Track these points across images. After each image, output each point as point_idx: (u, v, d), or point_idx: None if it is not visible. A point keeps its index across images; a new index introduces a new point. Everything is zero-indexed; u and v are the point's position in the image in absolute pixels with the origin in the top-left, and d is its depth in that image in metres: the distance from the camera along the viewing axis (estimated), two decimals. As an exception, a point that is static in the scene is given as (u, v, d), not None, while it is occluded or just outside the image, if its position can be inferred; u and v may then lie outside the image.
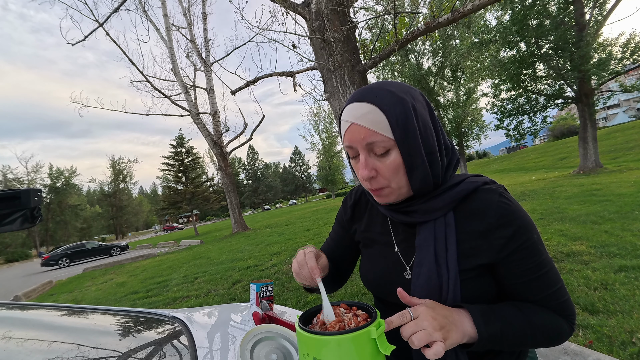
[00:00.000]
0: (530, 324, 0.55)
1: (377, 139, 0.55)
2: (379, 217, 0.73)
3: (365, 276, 0.73)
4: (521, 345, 0.55)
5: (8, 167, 48.27)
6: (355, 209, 0.79)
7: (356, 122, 0.55)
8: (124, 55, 12.53)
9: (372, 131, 0.55)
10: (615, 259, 2.94)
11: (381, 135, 0.54)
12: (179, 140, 28.38)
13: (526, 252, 0.56)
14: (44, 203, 5.68)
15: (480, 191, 0.59)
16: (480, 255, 0.57)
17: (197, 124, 14.05)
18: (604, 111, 56.49)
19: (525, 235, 0.55)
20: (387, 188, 0.59)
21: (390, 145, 0.55)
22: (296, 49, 4.08)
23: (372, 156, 0.57)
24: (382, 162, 0.56)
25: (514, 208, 0.56)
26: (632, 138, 17.23)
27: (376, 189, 0.59)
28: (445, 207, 0.59)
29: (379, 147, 0.55)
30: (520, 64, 10.71)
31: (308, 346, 0.48)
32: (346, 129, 0.58)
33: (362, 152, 0.57)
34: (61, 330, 0.91)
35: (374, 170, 0.57)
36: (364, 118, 0.55)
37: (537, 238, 0.57)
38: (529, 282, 0.57)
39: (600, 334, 1.88)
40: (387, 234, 0.69)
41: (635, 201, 4.96)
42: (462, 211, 0.59)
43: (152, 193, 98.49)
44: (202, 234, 21.95)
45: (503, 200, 0.57)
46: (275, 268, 5.34)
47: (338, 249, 0.83)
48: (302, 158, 63.25)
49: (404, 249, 0.66)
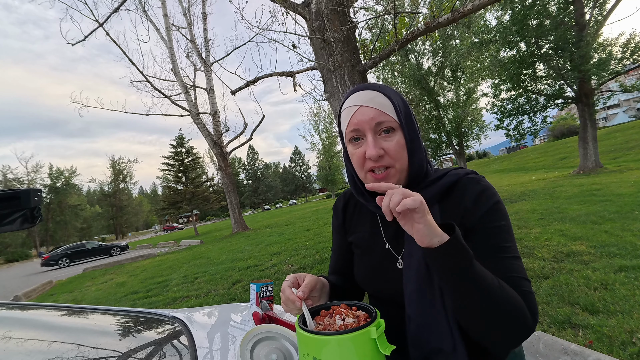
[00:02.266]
0: (499, 283, 0.52)
1: (386, 119, 0.60)
2: (368, 216, 0.75)
3: (358, 274, 0.74)
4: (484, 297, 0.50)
5: (8, 167, 48.28)
6: (345, 212, 0.81)
7: (366, 104, 0.61)
8: (124, 55, 12.53)
9: (380, 111, 0.60)
10: (615, 259, 2.93)
11: (389, 116, 0.60)
12: (179, 140, 28.37)
13: (494, 231, 0.59)
14: (44, 203, 5.68)
15: (462, 180, 0.63)
16: None
17: (197, 124, 14.05)
18: (604, 111, 56.48)
19: (494, 216, 0.59)
20: (392, 168, 0.62)
21: (395, 126, 0.61)
22: (296, 49, 4.08)
23: (379, 137, 0.61)
24: (389, 142, 0.61)
25: (492, 191, 0.61)
26: (632, 138, 17.22)
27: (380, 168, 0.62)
28: (433, 198, 0.62)
29: (387, 126, 0.61)
30: (520, 64, 10.70)
31: (308, 346, 0.48)
32: (353, 113, 0.62)
33: (369, 133, 0.61)
34: (61, 330, 0.91)
35: (382, 150, 0.60)
36: (372, 101, 0.61)
37: (505, 225, 0.59)
38: (495, 261, 0.57)
39: (600, 334, 1.88)
40: (377, 233, 0.72)
41: (635, 201, 4.96)
42: (445, 202, 0.63)
43: (152, 193, 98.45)
44: (202, 234, 21.95)
45: (480, 187, 0.61)
46: (275, 268, 5.34)
47: (343, 258, 0.82)
48: (302, 158, 63.22)
49: (394, 244, 0.68)
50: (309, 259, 5.42)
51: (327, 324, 0.53)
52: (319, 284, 0.66)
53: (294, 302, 0.58)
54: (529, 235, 4.18)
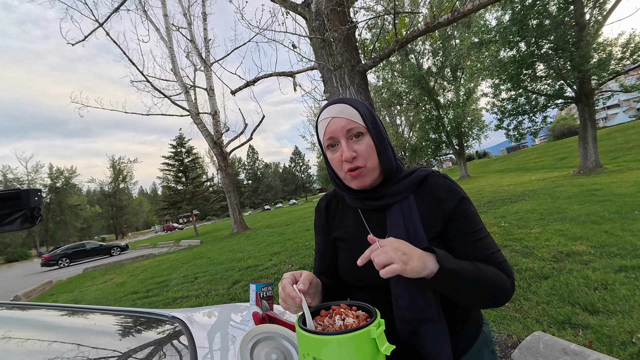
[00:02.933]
0: (482, 273, 0.63)
1: (355, 126, 0.70)
2: (351, 212, 0.81)
3: (343, 267, 0.78)
4: (475, 288, 0.62)
5: (8, 167, 48.28)
6: (328, 211, 0.87)
7: (337, 116, 0.71)
8: (124, 55, 12.53)
9: (350, 120, 0.70)
10: (615, 259, 2.93)
11: (357, 123, 0.71)
12: (179, 140, 28.36)
13: (468, 219, 0.70)
14: (44, 203, 5.68)
15: (431, 177, 0.74)
16: (437, 225, 0.70)
17: (197, 124, 14.04)
18: (604, 111, 56.47)
19: (465, 206, 0.70)
20: (364, 168, 0.71)
21: (364, 130, 0.71)
22: (296, 49, 4.08)
23: (351, 142, 0.71)
24: (360, 145, 0.71)
25: (456, 187, 0.72)
26: (632, 138, 17.22)
27: (356, 167, 0.71)
28: (408, 189, 0.73)
29: (356, 131, 0.71)
30: (520, 64, 10.70)
31: (308, 346, 0.48)
32: (327, 124, 0.72)
33: (342, 139, 0.71)
34: (61, 330, 0.91)
35: (354, 152, 0.70)
36: (342, 112, 0.71)
37: (474, 211, 0.71)
38: (472, 243, 0.69)
39: (600, 334, 1.88)
40: (360, 225, 0.78)
41: (635, 201, 4.96)
42: (419, 193, 0.73)
43: (152, 193, 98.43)
44: (202, 234, 21.94)
45: (448, 182, 0.73)
46: (275, 268, 5.34)
47: (327, 258, 0.84)
48: (302, 158, 63.16)
49: (377, 233, 0.74)
50: (309, 259, 5.42)
51: (327, 324, 0.54)
52: (315, 279, 0.69)
53: (294, 299, 0.59)
54: (529, 235, 4.18)
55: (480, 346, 0.76)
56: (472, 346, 0.74)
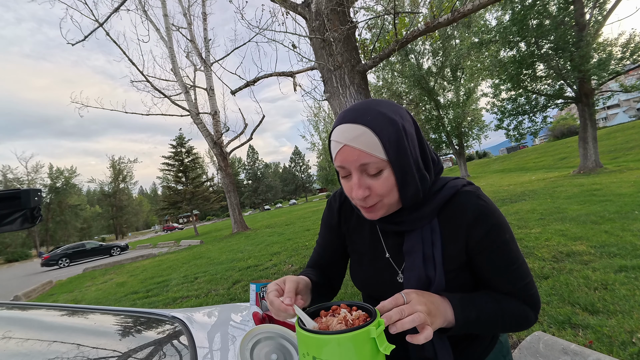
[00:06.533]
0: (502, 311, 0.60)
1: (371, 160, 0.55)
2: (366, 222, 0.73)
3: (356, 277, 0.75)
4: (493, 329, 0.61)
5: (8, 167, 48.25)
6: (341, 212, 0.78)
7: (349, 144, 0.55)
8: (124, 55, 12.53)
9: (365, 153, 0.55)
10: (615, 259, 2.93)
11: (374, 157, 0.55)
12: (179, 140, 28.36)
13: (498, 250, 0.60)
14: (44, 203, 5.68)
15: (460, 194, 0.62)
16: (461, 255, 0.62)
17: (197, 124, 14.04)
18: (604, 111, 56.47)
19: (498, 234, 0.60)
20: (379, 203, 0.60)
21: (383, 165, 0.56)
22: (296, 49, 4.08)
23: (365, 176, 0.58)
24: (376, 181, 0.57)
25: (490, 208, 0.61)
26: (632, 138, 17.22)
27: (369, 206, 0.60)
28: (431, 214, 0.62)
29: (373, 167, 0.56)
30: (520, 64, 10.70)
31: (308, 346, 0.48)
32: (338, 150, 0.57)
33: (355, 172, 0.57)
34: (61, 330, 0.91)
35: (367, 190, 0.58)
36: (357, 140, 0.55)
37: (509, 237, 0.61)
38: (500, 276, 0.62)
39: (600, 334, 1.88)
40: (376, 239, 0.71)
41: (635, 201, 4.96)
42: (444, 215, 0.63)
43: (152, 193, 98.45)
44: (202, 234, 21.94)
45: (479, 202, 0.61)
46: (275, 268, 5.34)
47: (327, 254, 0.82)
48: (302, 158, 63.18)
49: (394, 253, 0.68)
50: (308, 259, 5.41)
51: (326, 324, 0.53)
52: (301, 284, 0.64)
53: (286, 311, 0.56)
54: (529, 235, 4.18)
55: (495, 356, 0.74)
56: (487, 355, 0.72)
